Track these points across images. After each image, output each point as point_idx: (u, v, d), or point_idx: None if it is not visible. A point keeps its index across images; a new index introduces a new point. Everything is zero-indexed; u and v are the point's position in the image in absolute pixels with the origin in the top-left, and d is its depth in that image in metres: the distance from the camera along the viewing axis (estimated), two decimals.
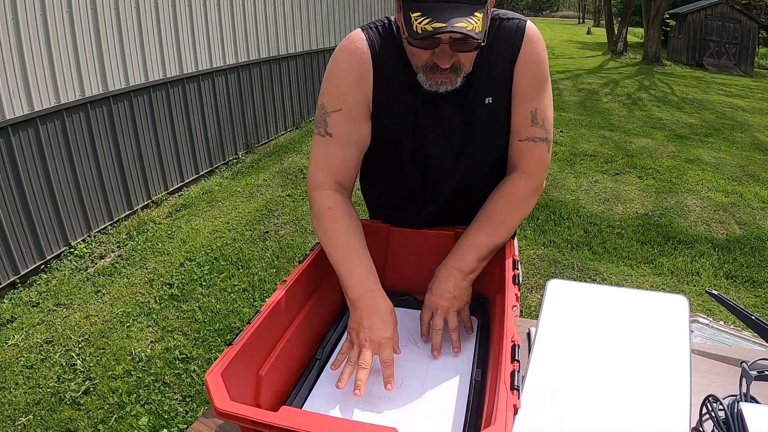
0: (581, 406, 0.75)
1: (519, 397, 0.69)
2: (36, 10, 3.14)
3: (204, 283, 3.14)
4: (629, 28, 20.50)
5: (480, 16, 0.87)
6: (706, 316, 1.52)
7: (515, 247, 1.20)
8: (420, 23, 0.86)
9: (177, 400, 2.27)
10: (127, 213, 4.10)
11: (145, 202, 4.31)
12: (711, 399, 0.80)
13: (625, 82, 11.76)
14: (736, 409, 0.77)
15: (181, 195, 4.63)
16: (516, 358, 0.74)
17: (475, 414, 0.84)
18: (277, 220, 4.01)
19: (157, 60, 4.24)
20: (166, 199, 4.52)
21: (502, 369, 0.73)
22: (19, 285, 3.23)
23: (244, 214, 4.09)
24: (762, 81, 14.53)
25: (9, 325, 2.85)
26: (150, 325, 2.75)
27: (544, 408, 0.75)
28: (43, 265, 3.38)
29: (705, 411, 0.81)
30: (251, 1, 5.41)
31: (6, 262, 3.15)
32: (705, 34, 16.80)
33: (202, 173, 5.00)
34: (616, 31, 19.05)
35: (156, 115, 4.30)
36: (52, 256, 3.46)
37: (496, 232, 1.05)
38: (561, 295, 0.93)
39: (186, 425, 2.13)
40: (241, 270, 3.28)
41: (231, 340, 0.80)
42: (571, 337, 0.86)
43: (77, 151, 3.57)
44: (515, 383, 0.70)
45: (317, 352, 1.00)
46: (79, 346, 2.61)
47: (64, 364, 2.49)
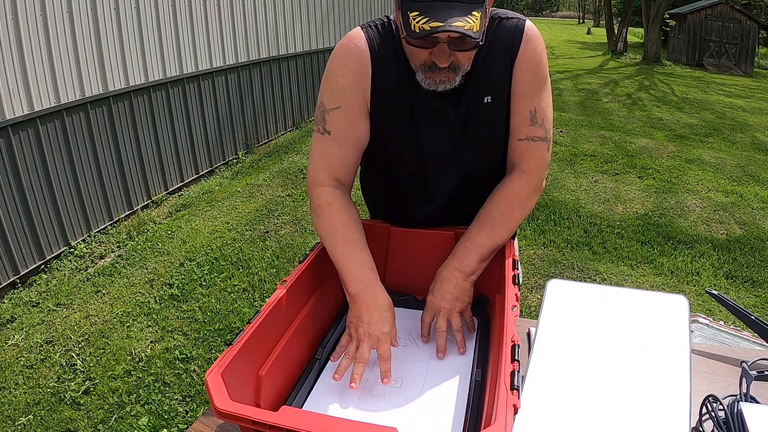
0: (581, 406, 0.75)
1: (519, 397, 0.69)
2: (36, 10, 3.14)
3: (204, 283, 3.14)
4: (629, 28, 20.52)
5: (478, 15, 0.87)
6: (706, 316, 1.52)
7: (515, 247, 1.20)
8: (418, 22, 0.86)
9: (177, 400, 2.27)
10: (127, 213, 4.10)
11: (145, 202, 4.31)
12: (711, 399, 0.80)
13: (625, 82, 11.76)
14: (736, 409, 0.77)
15: (181, 195, 4.63)
16: (516, 358, 0.74)
17: (475, 414, 0.84)
18: (277, 220, 4.01)
19: (157, 60, 4.25)
20: (166, 199, 4.52)
21: (502, 369, 0.73)
22: (19, 285, 3.23)
23: (244, 214, 4.09)
24: (762, 81, 14.53)
25: (9, 325, 2.85)
26: (150, 325, 2.75)
27: (544, 408, 0.75)
28: (43, 265, 3.38)
29: (705, 411, 0.81)
30: (251, 1, 5.42)
31: (6, 262, 3.15)
32: (705, 34, 16.79)
33: (202, 173, 5.00)
34: (616, 31, 19.06)
35: (156, 115, 4.31)
36: (52, 256, 3.46)
37: (496, 232, 1.04)
38: (561, 295, 0.93)
39: (186, 425, 2.13)
40: (241, 270, 3.28)
41: (231, 340, 0.80)
42: (571, 337, 0.86)
43: (77, 151, 3.57)
44: (515, 383, 0.70)
45: (317, 352, 1.00)
46: (79, 346, 2.61)
47: (64, 364, 2.49)
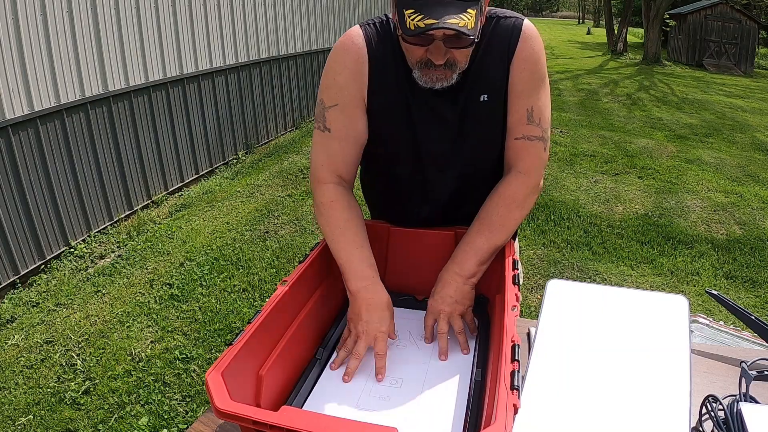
0: (581, 406, 0.75)
1: (519, 397, 0.69)
2: (36, 10, 3.14)
3: (204, 283, 3.14)
4: (629, 28, 20.52)
5: (473, 12, 0.87)
6: (706, 316, 1.52)
7: (515, 248, 1.20)
8: (413, 20, 0.87)
9: (177, 400, 2.27)
10: (127, 213, 4.10)
11: (145, 202, 4.31)
12: (711, 399, 0.81)
13: (625, 82, 11.76)
14: (735, 409, 0.77)
15: (181, 195, 4.63)
16: (516, 358, 0.75)
17: (475, 414, 0.84)
18: (277, 220, 4.01)
19: (157, 60, 4.24)
20: (166, 199, 4.52)
21: (502, 369, 0.73)
22: (19, 285, 3.23)
23: (244, 214, 4.09)
24: (762, 81, 14.53)
25: (9, 325, 2.85)
26: (150, 325, 2.75)
27: (544, 408, 0.75)
28: (43, 265, 3.38)
29: (705, 411, 0.81)
30: (251, 1, 5.42)
31: (6, 262, 3.15)
32: (705, 35, 16.79)
33: (202, 173, 5.00)
34: (616, 32, 19.05)
35: (156, 115, 4.31)
36: (52, 256, 3.46)
37: (495, 235, 1.05)
38: (561, 295, 0.93)
39: (186, 425, 2.13)
40: (241, 270, 3.28)
41: (231, 340, 0.80)
42: (571, 337, 0.86)
43: (77, 151, 3.57)
44: (515, 383, 0.70)
45: (317, 352, 1.00)
46: (79, 346, 2.61)
47: (64, 364, 2.49)
